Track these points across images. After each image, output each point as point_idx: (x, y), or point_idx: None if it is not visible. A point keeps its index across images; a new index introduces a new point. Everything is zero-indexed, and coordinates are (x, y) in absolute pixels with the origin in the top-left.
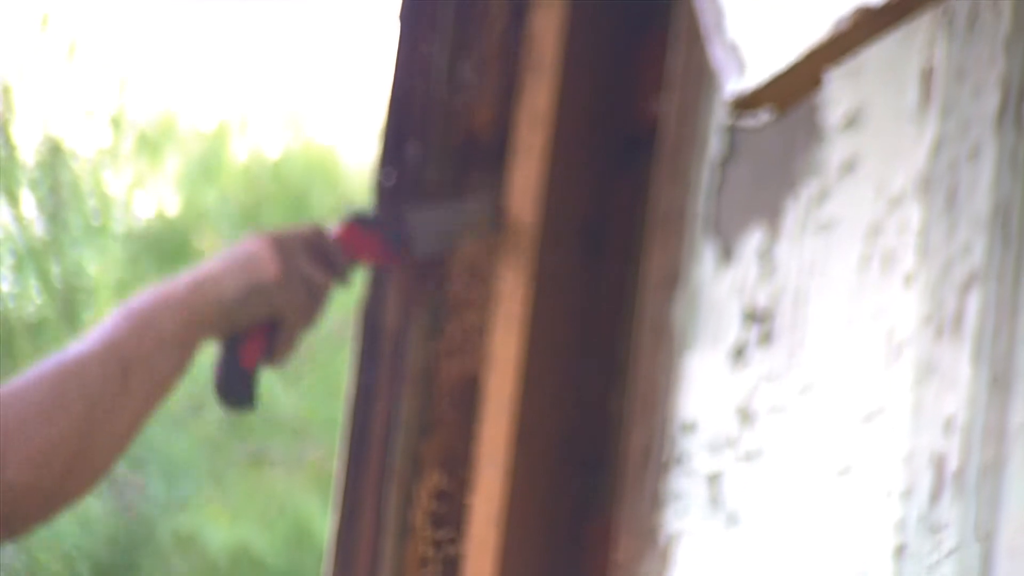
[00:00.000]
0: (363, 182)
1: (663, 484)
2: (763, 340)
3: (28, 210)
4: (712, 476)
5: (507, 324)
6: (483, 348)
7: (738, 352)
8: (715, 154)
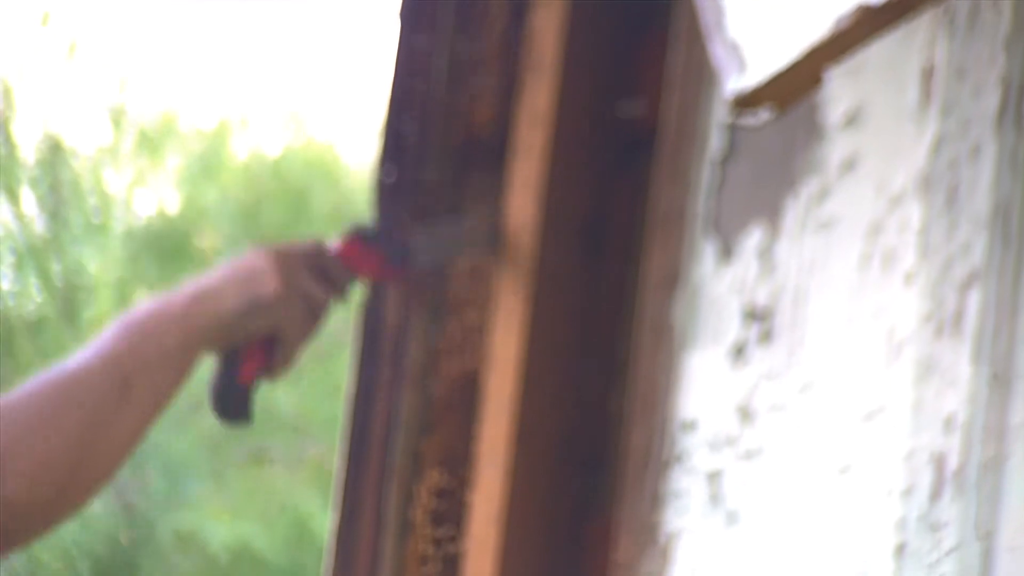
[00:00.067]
0: (363, 180)
1: (663, 483)
2: (763, 339)
3: (28, 208)
4: (712, 474)
5: (507, 323)
6: (483, 347)
7: (738, 351)
8: (715, 153)
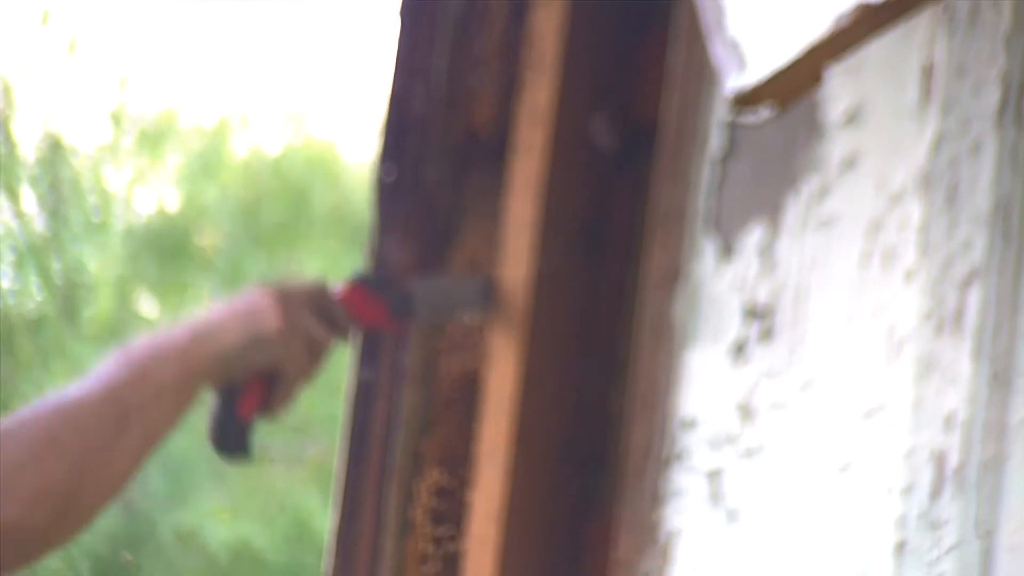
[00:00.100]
0: (363, 179)
1: (663, 481)
2: (764, 336)
3: (28, 206)
4: (712, 473)
5: (507, 322)
6: (483, 346)
7: (739, 349)
8: (715, 151)
